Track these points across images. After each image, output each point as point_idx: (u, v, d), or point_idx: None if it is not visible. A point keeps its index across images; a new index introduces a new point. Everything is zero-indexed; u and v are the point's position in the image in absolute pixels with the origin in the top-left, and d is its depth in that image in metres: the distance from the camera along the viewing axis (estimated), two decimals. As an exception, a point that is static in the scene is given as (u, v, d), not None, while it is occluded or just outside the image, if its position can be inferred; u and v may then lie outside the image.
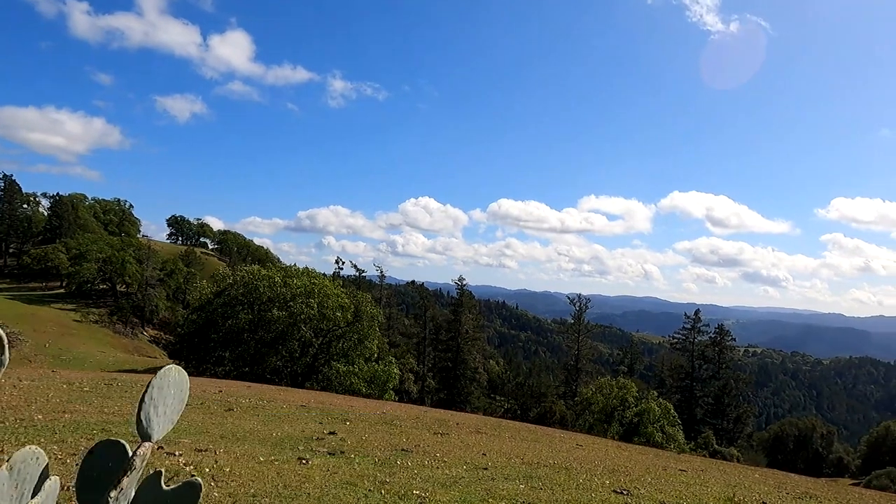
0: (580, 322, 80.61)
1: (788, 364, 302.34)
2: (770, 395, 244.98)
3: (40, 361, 50.70)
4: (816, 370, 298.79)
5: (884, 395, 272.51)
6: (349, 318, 40.77)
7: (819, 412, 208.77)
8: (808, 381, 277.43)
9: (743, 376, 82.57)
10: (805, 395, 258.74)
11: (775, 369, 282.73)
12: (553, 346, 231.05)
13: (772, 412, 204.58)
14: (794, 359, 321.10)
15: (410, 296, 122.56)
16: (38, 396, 10.72)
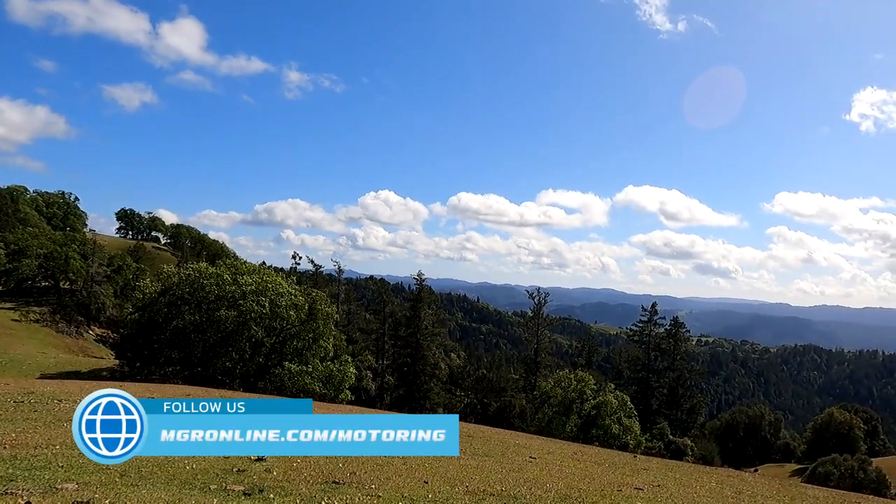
0: (539, 315, 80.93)
1: (738, 352, 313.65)
2: (721, 382, 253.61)
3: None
4: (764, 358, 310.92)
5: (826, 381, 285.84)
6: (303, 316, 39.57)
7: (767, 399, 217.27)
8: (757, 368, 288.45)
9: (696, 367, 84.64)
10: (754, 383, 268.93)
11: (726, 358, 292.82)
12: (514, 338, 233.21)
13: (723, 399, 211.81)
14: (744, 347, 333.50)
15: (371, 290, 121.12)
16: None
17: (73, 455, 7.64)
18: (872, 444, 77.86)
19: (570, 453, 14.24)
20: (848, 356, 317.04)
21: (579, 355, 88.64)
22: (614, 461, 13.95)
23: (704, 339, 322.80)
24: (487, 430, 18.74)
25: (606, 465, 12.84)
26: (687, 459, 52.19)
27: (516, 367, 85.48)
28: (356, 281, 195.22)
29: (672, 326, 78.24)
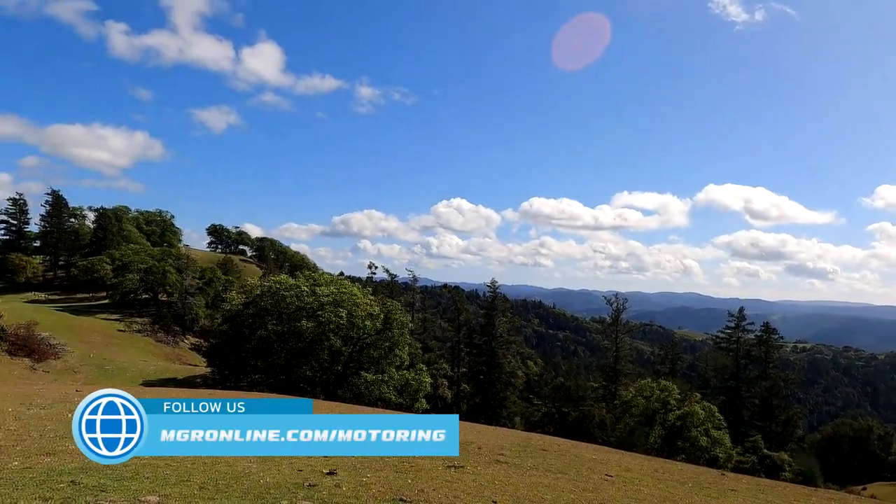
0: (618, 321, 78.54)
1: (840, 359, 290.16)
2: (821, 392, 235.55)
3: (85, 371, 51.98)
4: (871, 365, 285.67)
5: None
6: (379, 326, 40.38)
7: (875, 410, 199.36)
8: (863, 377, 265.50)
9: (792, 376, 79.03)
10: (859, 392, 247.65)
11: (826, 365, 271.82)
12: (592, 345, 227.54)
13: (823, 411, 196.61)
14: (847, 354, 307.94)
15: (445, 298, 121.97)
16: (34, 430, 10.34)
17: (158, 466, 8.07)
18: None
19: (650, 470, 13.57)
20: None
21: (662, 363, 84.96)
22: (699, 480, 13.15)
23: (800, 345, 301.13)
24: (563, 444, 18.24)
25: (690, 484, 12.12)
26: (784, 476, 48.74)
27: (595, 375, 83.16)
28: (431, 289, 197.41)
29: (763, 332, 73.57)
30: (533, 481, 9.70)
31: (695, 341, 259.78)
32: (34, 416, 12.37)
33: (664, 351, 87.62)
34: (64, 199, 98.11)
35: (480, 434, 17.34)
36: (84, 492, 6.42)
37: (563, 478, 10.49)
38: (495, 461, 11.75)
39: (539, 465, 11.92)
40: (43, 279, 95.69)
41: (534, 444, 16.03)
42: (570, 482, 10.08)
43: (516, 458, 12.46)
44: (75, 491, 6.42)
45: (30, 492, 6.27)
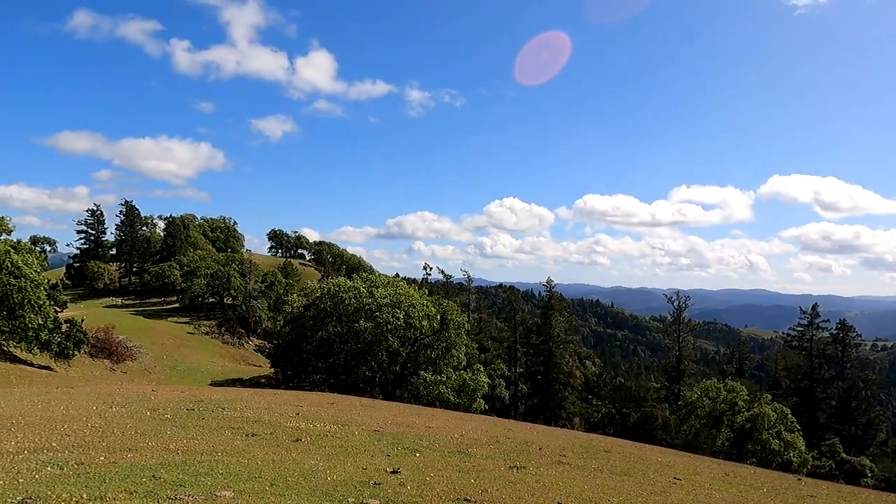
0: (680, 320, 76.04)
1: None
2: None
3: (158, 372, 54.78)
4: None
5: None
6: (435, 326, 40.58)
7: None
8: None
9: (872, 376, 74.31)
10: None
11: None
12: (652, 344, 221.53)
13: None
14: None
15: (501, 298, 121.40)
16: (116, 427, 10.97)
17: (231, 462, 8.40)
18: None
19: (720, 474, 13.05)
20: None
21: (728, 362, 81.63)
22: (774, 485, 12.55)
23: (881, 343, 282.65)
24: (627, 445, 17.81)
25: (765, 490, 11.58)
26: (865, 483, 45.87)
27: (657, 376, 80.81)
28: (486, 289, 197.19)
29: (839, 329, 69.44)
30: (598, 483, 9.51)
31: (763, 340, 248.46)
32: (116, 414, 13.13)
33: (730, 350, 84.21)
34: (136, 208, 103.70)
35: (540, 435, 17.17)
36: (164, 486, 6.75)
37: (628, 480, 10.24)
38: (557, 462, 11.60)
39: (603, 466, 11.68)
40: (119, 285, 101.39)
41: (595, 446, 15.74)
42: (637, 485, 9.82)
43: (579, 460, 12.26)
44: (156, 485, 6.76)
45: (115, 485, 6.65)
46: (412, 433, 13.64)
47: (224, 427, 12.05)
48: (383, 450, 10.97)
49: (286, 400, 19.66)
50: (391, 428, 14.22)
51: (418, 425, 15.49)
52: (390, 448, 11.22)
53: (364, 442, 11.70)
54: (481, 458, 11.14)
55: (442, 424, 16.38)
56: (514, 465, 10.54)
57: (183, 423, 12.23)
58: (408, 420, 16.55)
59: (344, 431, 12.87)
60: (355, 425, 14.06)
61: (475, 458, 10.98)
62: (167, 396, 18.04)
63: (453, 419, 19.08)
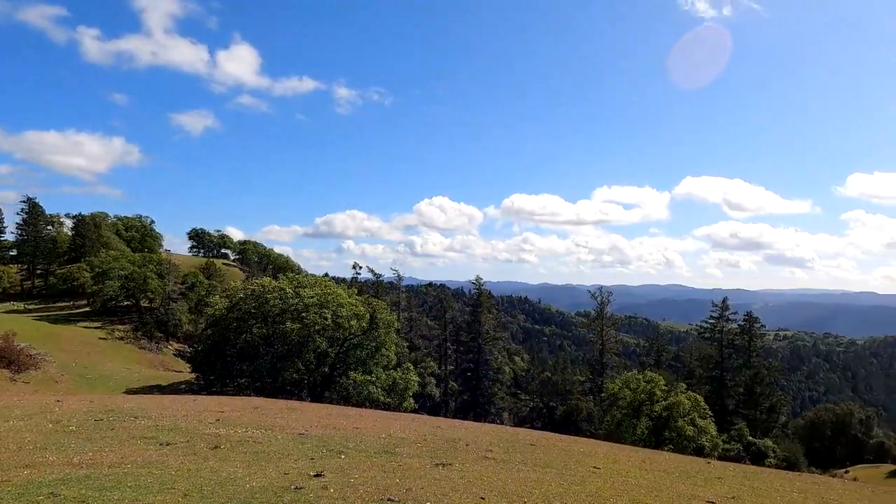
0: (603, 315, 79.09)
1: (821, 346, 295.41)
2: (804, 378, 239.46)
3: (66, 381, 51.01)
4: (851, 351, 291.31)
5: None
6: (365, 326, 40.20)
7: (856, 395, 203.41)
8: (843, 362, 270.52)
9: (775, 364, 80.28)
10: (840, 378, 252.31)
11: (807, 352, 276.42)
12: (578, 339, 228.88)
13: (806, 397, 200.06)
14: (827, 340, 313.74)
15: (431, 297, 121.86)
16: (12, 442, 10.13)
17: (141, 474, 7.95)
18: (980, 442, 71.46)
19: (637, 461, 13.68)
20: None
21: (647, 354, 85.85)
22: (686, 469, 13.28)
23: (782, 333, 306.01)
24: (552, 438, 18.32)
25: (677, 473, 12.23)
26: (769, 463, 49.46)
27: (582, 369, 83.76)
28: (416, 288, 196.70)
29: (746, 321, 74.52)
30: (521, 476, 9.71)
31: (679, 332, 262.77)
32: (13, 428, 12.12)
33: (649, 343, 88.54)
34: (40, 206, 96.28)
35: (468, 431, 17.36)
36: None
37: (550, 472, 10.53)
38: (483, 458, 11.77)
39: (527, 459, 11.95)
40: (21, 288, 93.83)
41: (522, 440, 16.09)
42: (558, 476, 10.12)
43: (504, 454, 12.48)
44: (55, 503, 6.29)
45: (7, 506, 6.14)
46: (338, 435, 13.43)
47: (136, 437, 11.40)
48: (307, 453, 10.73)
49: (206, 406, 18.85)
50: (317, 430, 13.95)
51: (345, 427, 15.28)
52: (315, 451, 10.99)
53: (287, 446, 11.40)
54: (408, 456, 11.12)
55: (369, 425, 16.24)
56: (440, 462, 10.60)
57: (90, 434, 11.46)
58: (335, 422, 16.29)
59: (267, 436, 12.50)
60: (279, 429, 13.69)
61: (401, 458, 10.95)
62: (74, 407, 16.87)
63: (381, 419, 18.96)
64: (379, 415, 22.20)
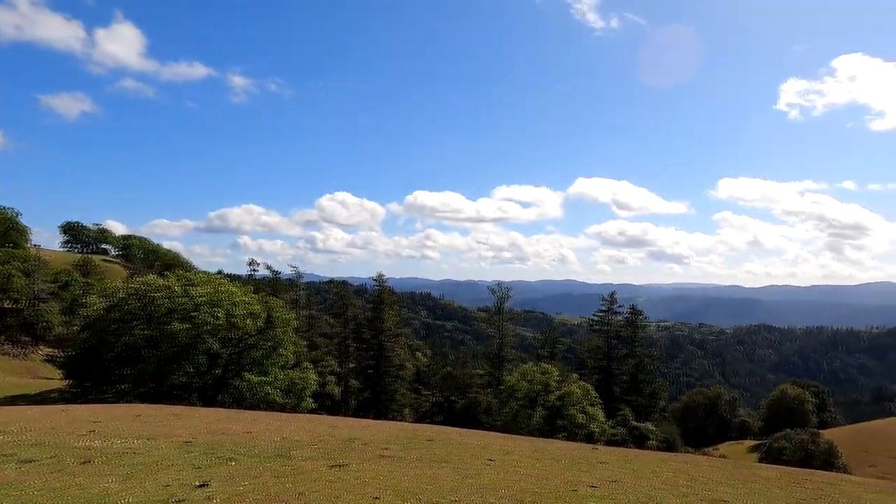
0: (502, 310, 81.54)
1: (695, 335, 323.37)
2: (680, 365, 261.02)
3: None
4: (720, 339, 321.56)
5: (778, 358, 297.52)
6: (261, 325, 38.70)
7: (724, 378, 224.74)
8: (714, 349, 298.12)
9: (655, 353, 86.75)
10: (711, 364, 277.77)
11: (684, 341, 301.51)
12: (479, 334, 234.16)
13: (683, 382, 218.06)
14: (701, 330, 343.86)
15: (332, 294, 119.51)
16: None
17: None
18: (822, 417, 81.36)
19: (529, 452, 14.23)
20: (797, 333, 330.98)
21: (543, 347, 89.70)
22: (574, 456, 14.00)
23: (663, 324, 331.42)
24: (450, 433, 18.61)
25: (565, 461, 12.86)
26: (650, 444, 53.36)
27: (482, 363, 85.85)
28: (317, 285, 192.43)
29: (630, 314, 79.92)
30: (416, 473, 9.78)
31: (573, 325, 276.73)
32: None
33: (545, 336, 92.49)
34: None
35: (367, 429, 17.23)
36: None
37: (446, 467, 10.69)
38: (380, 456, 11.73)
39: (424, 456, 12.06)
40: None
41: (420, 436, 16.21)
42: (453, 470, 10.29)
43: (401, 451, 12.51)
44: None
45: None
46: (229, 440, 12.82)
47: (-9, 455, 10.21)
48: (193, 462, 10.14)
49: (79, 416, 17.28)
50: (205, 437, 13.23)
51: (237, 431, 14.62)
52: (202, 459, 10.42)
53: (171, 456, 10.72)
54: (302, 459, 10.84)
55: (263, 428, 15.66)
56: (335, 463, 10.43)
57: (-68, 455, 10.12)
58: (225, 427, 15.54)
59: (148, 446, 11.67)
60: (163, 438, 12.83)
61: (296, 461, 10.65)
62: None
63: (277, 421, 18.35)
64: (274, 417, 21.47)
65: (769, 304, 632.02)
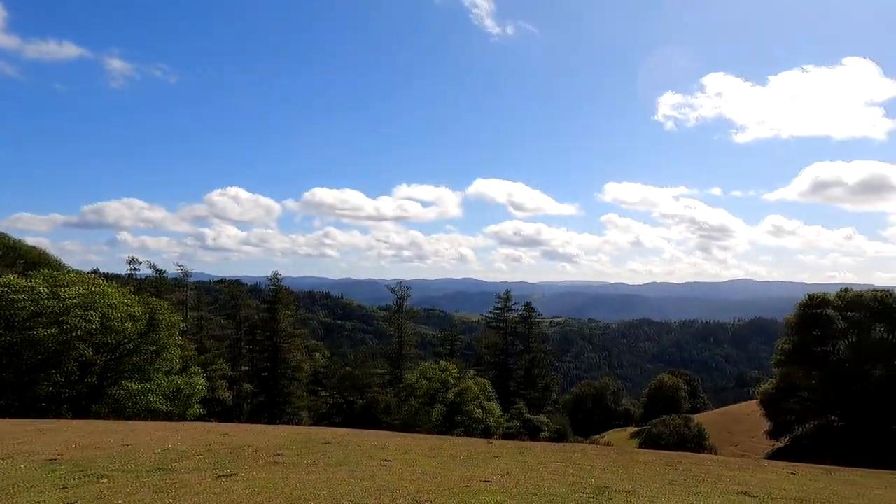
0: (402, 309, 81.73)
1: (585, 330, 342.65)
2: (572, 359, 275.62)
3: None
4: (607, 333, 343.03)
5: (657, 349, 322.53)
6: (142, 328, 35.96)
7: (611, 370, 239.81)
8: (601, 343, 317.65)
9: (549, 348, 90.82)
10: (599, 357, 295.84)
11: (575, 336, 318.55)
12: (380, 333, 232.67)
13: (574, 375, 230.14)
14: (590, 325, 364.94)
15: (224, 294, 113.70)
16: None
17: None
18: (694, 403, 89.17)
19: (427, 449, 14.34)
20: (673, 326, 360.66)
21: (442, 345, 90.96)
22: (470, 452, 14.29)
23: (556, 320, 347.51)
24: (347, 434, 18.33)
25: (461, 457, 13.09)
26: (543, 436, 55.74)
27: (381, 362, 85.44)
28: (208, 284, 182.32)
29: (525, 311, 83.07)
30: (310, 479, 9.52)
31: (471, 323, 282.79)
32: None
33: (444, 334, 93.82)
34: None
35: (259, 435, 16.55)
36: None
37: (341, 470, 10.50)
38: (272, 462, 11.30)
39: (319, 460, 11.78)
40: None
41: (316, 439, 15.83)
42: (348, 473, 10.13)
43: (295, 457, 12.14)
44: None
45: None
46: (102, 455, 11.78)
47: None
48: (58, 482, 9.20)
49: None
50: (73, 453, 12.06)
51: (112, 445, 13.48)
52: (68, 478, 9.48)
53: (31, 476, 9.66)
54: (186, 471, 10.19)
55: (143, 440, 14.56)
56: (223, 473, 9.90)
57: None
58: (98, 440, 14.27)
59: (4, 466, 10.44)
60: (23, 457, 11.55)
61: (178, 473, 9.99)
62: None
63: (159, 431, 17.15)
64: (157, 427, 20.05)
65: (650, 299, 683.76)
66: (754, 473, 13.68)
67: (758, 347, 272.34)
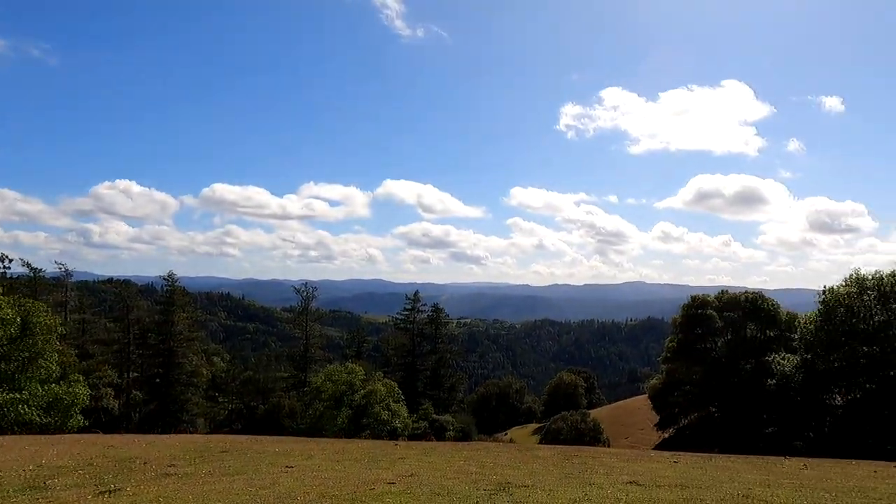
0: (307, 310, 79.80)
1: (491, 330, 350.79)
2: (478, 359, 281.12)
3: None
4: (512, 333, 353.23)
5: (558, 348, 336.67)
6: (14, 333, 32.63)
7: (515, 369, 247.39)
8: (506, 343, 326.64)
9: (455, 348, 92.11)
10: (504, 356, 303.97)
11: (481, 336, 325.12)
12: (284, 335, 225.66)
13: (479, 374, 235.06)
14: (495, 325, 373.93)
15: (112, 294, 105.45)
16: None
17: None
18: (591, 399, 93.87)
19: (331, 454, 14.11)
20: (573, 326, 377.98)
21: (350, 347, 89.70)
22: (375, 454, 14.22)
23: (463, 320, 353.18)
24: (246, 441, 17.64)
25: (366, 460, 13.00)
26: (448, 436, 56.41)
27: (285, 365, 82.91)
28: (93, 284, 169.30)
29: (433, 312, 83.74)
30: (205, 490, 9.06)
31: (379, 324, 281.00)
32: None
33: (351, 335, 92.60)
34: None
35: (149, 446, 15.55)
36: None
37: (239, 479, 10.09)
38: (164, 475, 10.65)
39: (215, 469, 11.25)
40: None
41: (213, 447, 15.11)
42: (247, 482, 9.76)
43: (189, 467, 11.52)
44: None
45: None
46: (-39, 476, 10.57)
47: None
48: None
49: None
50: (-74, 474, 10.73)
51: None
52: (-81, 503, 8.42)
53: None
54: (64, 489, 9.37)
55: (13, 456, 13.23)
56: (106, 489, 9.20)
57: None
58: (-42, 459, 12.79)
59: None
60: None
61: (55, 491, 9.17)
62: None
63: (33, 446, 15.65)
64: (30, 441, 18.27)
65: (552, 300, 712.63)
66: (642, 463, 14.66)
67: (649, 345, 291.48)
